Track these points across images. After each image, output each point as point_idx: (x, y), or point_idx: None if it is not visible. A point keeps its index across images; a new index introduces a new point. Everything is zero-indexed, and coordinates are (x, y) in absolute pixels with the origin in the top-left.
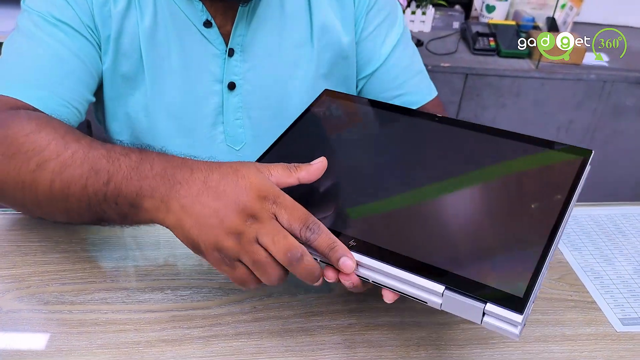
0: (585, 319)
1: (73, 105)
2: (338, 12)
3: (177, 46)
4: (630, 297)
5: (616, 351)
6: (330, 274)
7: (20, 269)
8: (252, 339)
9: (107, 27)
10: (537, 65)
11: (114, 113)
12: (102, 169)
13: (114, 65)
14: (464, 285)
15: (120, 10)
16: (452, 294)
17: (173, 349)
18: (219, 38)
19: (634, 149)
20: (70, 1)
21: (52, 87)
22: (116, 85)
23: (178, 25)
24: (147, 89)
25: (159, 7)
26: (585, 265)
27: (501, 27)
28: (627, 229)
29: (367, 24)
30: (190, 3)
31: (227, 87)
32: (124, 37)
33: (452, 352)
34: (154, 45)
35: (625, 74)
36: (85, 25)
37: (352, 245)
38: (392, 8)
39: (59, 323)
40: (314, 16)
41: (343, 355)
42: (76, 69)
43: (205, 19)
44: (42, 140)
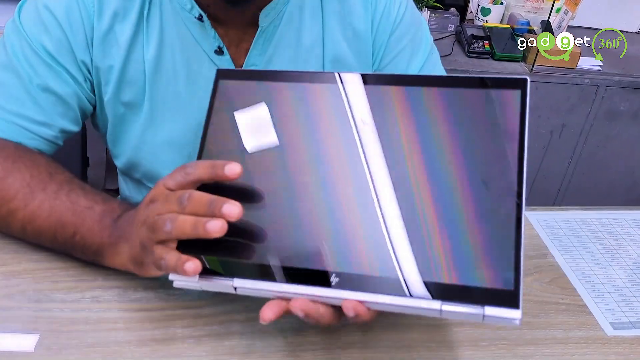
0: (576, 322)
1: (45, 138)
2: (353, 44)
3: (184, 71)
4: (621, 301)
5: (607, 355)
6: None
7: (10, 267)
8: (244, 339)
9: (109, 57)
10: (531, 68)
11: (114, 134)
12: (69, 222)
13: (116, 94)
14: (457, 294)
15: (127, 38)
16: (450, 307)
17: (164, 347)
18: (230, 65)
19: (627, 154)
20: (67, 32)
21: (23, 123)
22: (118, 112)
23: (186, 50)
24: (149, 116)
25: (167, 31)
26: (576, 268)
27: (496, 30)
28: (619, 233)
29: (389, 50)
30: (202, 29)
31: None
32: (130, 65)
33: (444, 355)
34: (159, 71)
35: (619, 78)
36: (78, 62)
37: (335, 283)
38: (417, 28)
39: (49, 321)
40: (326, 49)
41: (335, 355)
42: (55, 106)
43: (217, 46)
44: (9, 189)
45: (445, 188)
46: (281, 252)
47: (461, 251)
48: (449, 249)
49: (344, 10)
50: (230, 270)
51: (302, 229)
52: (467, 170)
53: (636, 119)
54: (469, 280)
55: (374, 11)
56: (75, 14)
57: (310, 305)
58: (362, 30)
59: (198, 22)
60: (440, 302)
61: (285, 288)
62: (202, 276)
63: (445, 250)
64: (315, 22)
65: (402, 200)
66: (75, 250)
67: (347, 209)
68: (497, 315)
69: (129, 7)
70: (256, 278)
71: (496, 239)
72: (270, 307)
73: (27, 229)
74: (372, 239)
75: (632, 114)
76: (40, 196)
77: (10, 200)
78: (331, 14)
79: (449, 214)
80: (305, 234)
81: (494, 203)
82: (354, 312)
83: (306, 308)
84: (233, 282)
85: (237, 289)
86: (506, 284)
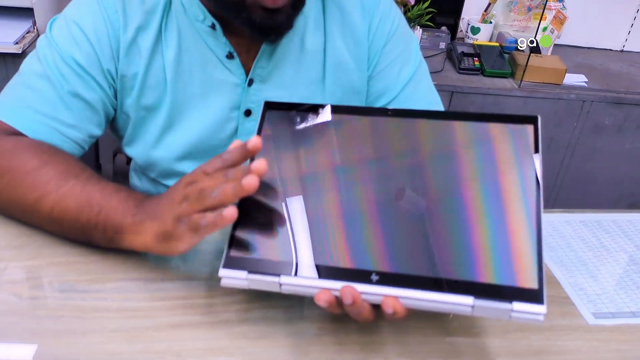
0: (561, 312)
1: (75, 141)
2: (353, 50)
3: (199, 75)
4: (602, 294)
5: (588, 341)
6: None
7: (37, 261)
8: (256, 325)
9: (134, 66)
10: (519, 84)
11: (133, 135)
12: (95, 201)
13: (138, 98)
14: (488, 291)
15: (149, 45)
16: (482, 302)
17: (182, 332)
18: (240, 69)
19: (613, 166)
20: (95, 45)
21: (56, 125)
22: (139, 115)
23: (201, 55)
24: (168, 115)
25: (184, 38)
26: (560, 264)
27: (485, 48)
28: (600, 233)
29: (382, 58)
30: (214, 36)
31: (244, 114)
32: (151, 71)
33: (438, 339)
34: (177, 74)
35: (604, 94)
36: (104, 71)
37: (375, 280)
38: (408, 42)
39: (74, 309)
40: (327, 55)
41: (340, 339)
42: (84, 111)
43: (228, 52)
44: (42, 178)
45: (479, 202)
46: (325, 251)
47: (491, 254)
48: (481, 252)
49: (345, 18)
50: (276, 269)
51: (345, 232)
52: (496, 187)
53: (620, 133)
54: (498, 280)
55: (371, 21)
56: (102, 29)
57: (357, 293)
58: (360, 37)
59: (210, 30)
60: (472, 298)
61: (329, 284)
62: (250, 273)
63: (477, 253)
64: (318, 29)
65: (442, 212)
66: (96, 229)
67: (389, 215)
68: (524, 310)
69: (150, 20)
70: (302, 275)
71: (522, 244)
72: (323, 292)
73: (55, 210)
74: (413, 242)
75: (617, 128)
76: (73, 181)
77: (43, 185)
78: (333, 23)
79: (481, 223)
80: (347, 236)
81: (519, 215)
82: (393, 309)
83: (354, 294)
84: (280, 279)
85: (283, 285)
86: (531, 283)
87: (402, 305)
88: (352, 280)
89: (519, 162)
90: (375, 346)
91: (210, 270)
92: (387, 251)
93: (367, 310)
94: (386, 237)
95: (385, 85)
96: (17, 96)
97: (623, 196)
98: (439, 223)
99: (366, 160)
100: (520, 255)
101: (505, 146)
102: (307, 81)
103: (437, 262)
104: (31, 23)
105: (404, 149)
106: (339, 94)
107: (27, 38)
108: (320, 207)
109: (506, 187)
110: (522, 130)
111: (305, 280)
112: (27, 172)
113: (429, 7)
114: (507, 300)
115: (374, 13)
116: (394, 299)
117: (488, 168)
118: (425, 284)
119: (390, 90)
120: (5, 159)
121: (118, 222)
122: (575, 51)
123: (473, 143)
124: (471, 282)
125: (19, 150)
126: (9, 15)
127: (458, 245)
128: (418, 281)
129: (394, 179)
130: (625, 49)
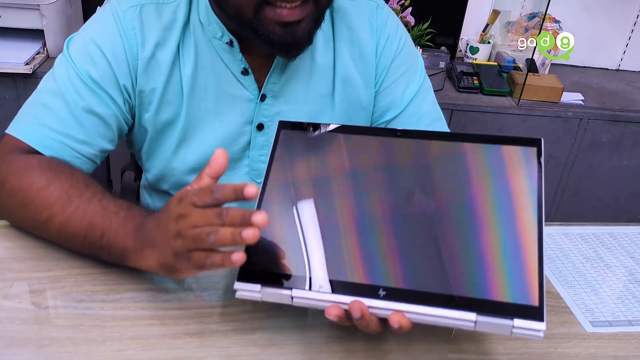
0: (560, 321)
1: (86, 156)
2: (360, 67)
3: (214, 89)
4: (599, 304)
5: (586, 348)
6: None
7: (55, 272)
8: (266, 333)
9: (152, 81)
10: (517, 102)
11: (150, 148)
12: (98, 225)
13: (157, 112)
14: (490, 307)
15: (168, 61)
16: (484, 319)
17: (196, 340)
18: (253, 84)
19: (610, 183)
20: (111, 61)
21: (68, 142)
22: (156, 128)
23: (216, 71)
24: (183, 128)
25: (200, 53)
26: (559, 276)
27: (484, 67)
28: (597, 245)
29: (389, 75)
30: (231, 53)
31: (256, 128)
32: (170, 86)
33: (441, 347)
34: (193, 89)
35: (600, 111)
36: (120, 87)
37: (382, 295)
38: (414, 59)
39: (93, 318)
40: (337, 71)
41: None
42: (97, 127)
43: (244, 68)
44: (50, 197)
45: (485, 222)
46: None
47: (495, 272)
48: (485, 270)
49: (353, 36)
50: (288, 283)
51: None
52: (499, 207)
53: (617, 150)
54: (501, 296)
55: (378, 40)
56: (119, 46)
57: (365, 307)
58: (368, 55)
59: (228, 47)
60: (475, 314)
61: (338, 298)
62: (263, 286)
63: (481, 271)
64: (327, 47)
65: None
66: (103, 251)
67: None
68: (524, 326)
69: (168, 37)
70: (312, 289)
71: (523, 263)
72: (334, 307)
73: (63, 232)
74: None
75: (614, 145)
76: (76, 202)
77: (50, 206)
78: (341, 40)
79: (486, 243)
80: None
81: (522, 235)
82: (399, 324)
83: (362, 308)
84: (291, 292)
85: (294, 298)
86: (533, 300)
87: (407, 319)
88: (361, 294)
89: (522, 183)
90: (380, 353)
91: (223, 281)
92: (395, 267)
93: (374, 323)
94: (395, 254)
95: (391, 100)
96: (32, 114)
97: (622, 212)
98: (446, 241)
99: (378, 179)
100: (522, 273)
101: (509, 168)
102: (316, 96)
103: (442, 279)
104: (41, 44)
105: (414, 168)
106: (346, 108)
107: (37, 59)
108: (333, 224)
109: (509, 208)
110: (526, 151)
111: (316, 294)
112: (36, 191)
113: (429, 27)
114: (509, 317)
115: (382, 32)
116: (400, 314)
117: (493, 189)
118: (430, 300)
119: (396, 106)
120: (17, 178)
121: (121, 246)
122: (572, 70)
123: (480, 165)
124: (475, 298)
125: (29, 169)
126: (20, 37)
127: (463, 263)
128: (424, 297)
129: (405, 198)
130: (621, 68)
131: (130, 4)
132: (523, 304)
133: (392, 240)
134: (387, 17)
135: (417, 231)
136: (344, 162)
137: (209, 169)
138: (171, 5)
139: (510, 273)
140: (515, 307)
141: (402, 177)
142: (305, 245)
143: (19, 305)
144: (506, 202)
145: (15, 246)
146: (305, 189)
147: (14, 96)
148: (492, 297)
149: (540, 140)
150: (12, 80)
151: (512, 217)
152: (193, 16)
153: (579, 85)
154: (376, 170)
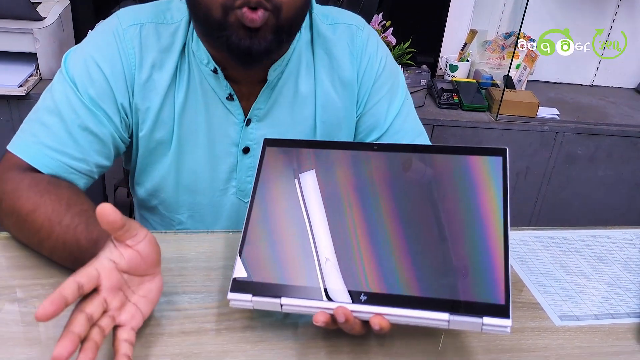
0: (531, 316)
1: (82, 172)
2: (341, 92)
3: (203, 114)
4: (567, 300)
5: (555, 340)
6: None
7: (58, 278)
8: (256, 331)
9: (148, 100)
10: (495, 117)
11: (143, 165)
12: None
13: (151, 132)
14: (461, 307)
15: (164, 86)
16: (456, 318)
17: (191, 338)
18: (239, 109)
19: (586, 194)
20: (110, 79)
21: (64, 159)
22: (150, 146)
23: (206, 96)
24: (175, 150)
25: (192, 81)
26: (531, 275)
27: (463, 84)
28: (565, 246)
29: (372, 97)
30: (217, 80)
31: (242, 151)
32: (164, 108)
33: (420, 341)
34: (185, 113)
35: (575, 125)
36: (118, 105)
37: (364, 300)
38: (395, 78)
39: None
40: (317, 96)
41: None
42: (93, 144)
43: (229, 93)
44: (36, 223)
45: (455, 229)
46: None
47: (465, 275)
48: (456, 273)
49: (332, 63)
50: (277, 291)
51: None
52: (468, 214)
53: (592, 162)
54: (471, 297)
55: (359, 65)
56: (118, 65)
57: (348, 312)
58: (348, 81)
59: (213, 74)
60: (448, 314)
61: (323, 305)
62: (254, 296)
63: (451, 275)
64: (309, 74)
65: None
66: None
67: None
68: (493, 323)
69: (165, 60)
70: (300, 297)
71: (491, 266)
72: (320, 314)
73: (53, 256)
74: (397, 265)
75: (589, 158)
76: (57, 230)
77: (37, 231)
78: (321, 68)
79: (457, 248)
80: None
81: (489, 240)
82: (379, 326)
83: (346, 313)
84: (280, 300)
85: (284, 306)
86: (500, 299)
87: (387, 321)
88: (344, 300)
89: (489, 190)
90: (364, 347)
91: (216, 284)
92: (375, 273)
93: (358, 326)
94: (373, 260)
95: (375, 120)
96: (30, 132)
97: (597, 221)
98: (420, 248)
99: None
100: (490, 274)
101: (477, 176)
102: (300, 119)
103: (417, 283)
104: (34, 67)
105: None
106: (328, 131)
107: (30, 81)
108: (316, 236)
109: (477, 215)
110: (492, 161)
111: (303, 301)
112: (25, 215)
113: (410, 47)
114: (478, 315)
115: (362, 56)
116: (380, 317)
117: (462, 197)
118: (407, 303)
119: (380, 126)
120: (10, 199)
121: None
122: (548, 86)
123: (450, 174)
124: (447, 299)
125: (18, 192)
126: (14, 60)
127: (436, 267)
128: (401, 300)
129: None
130: (595, 84)
131: (131, 22)
132: (491, 303)
133: (370, 249)
134: (367, 39)
135: (393, 239)
136: (320, 176)
137: (106, 227)
138: (170, 28)
139: (479, 275)
140: (484, 306)
141: (377, 189)
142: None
143: (24, 309)
144: (475, 209)
145: (17, 255)
146: (290, 204)
147: (7, 118)
148: (463, 298)
149: (505, 150)
150: (6, 102)
151: (480, 223)
152: (189, 41)
153: (554, 101)
154: (352, 182)
